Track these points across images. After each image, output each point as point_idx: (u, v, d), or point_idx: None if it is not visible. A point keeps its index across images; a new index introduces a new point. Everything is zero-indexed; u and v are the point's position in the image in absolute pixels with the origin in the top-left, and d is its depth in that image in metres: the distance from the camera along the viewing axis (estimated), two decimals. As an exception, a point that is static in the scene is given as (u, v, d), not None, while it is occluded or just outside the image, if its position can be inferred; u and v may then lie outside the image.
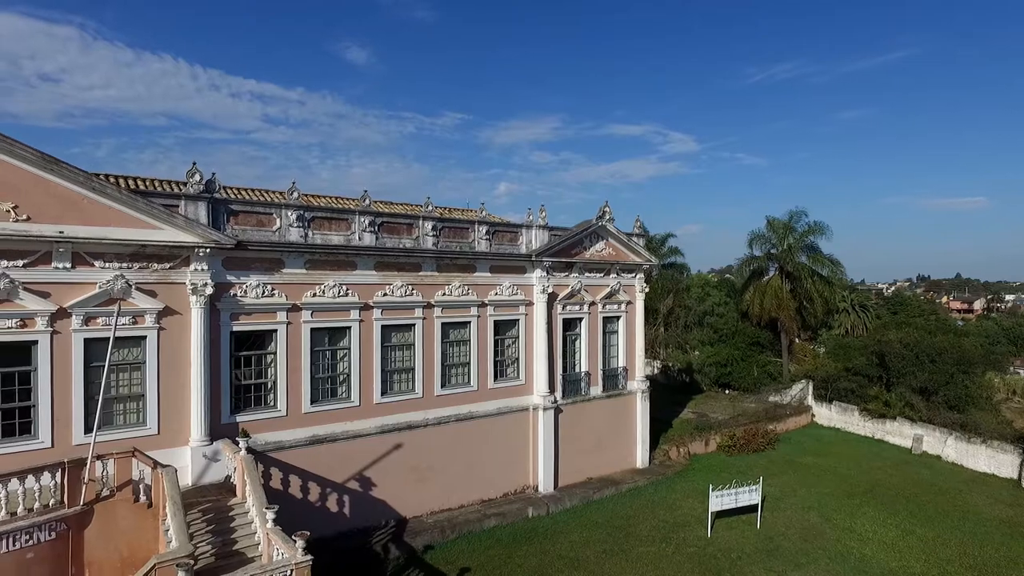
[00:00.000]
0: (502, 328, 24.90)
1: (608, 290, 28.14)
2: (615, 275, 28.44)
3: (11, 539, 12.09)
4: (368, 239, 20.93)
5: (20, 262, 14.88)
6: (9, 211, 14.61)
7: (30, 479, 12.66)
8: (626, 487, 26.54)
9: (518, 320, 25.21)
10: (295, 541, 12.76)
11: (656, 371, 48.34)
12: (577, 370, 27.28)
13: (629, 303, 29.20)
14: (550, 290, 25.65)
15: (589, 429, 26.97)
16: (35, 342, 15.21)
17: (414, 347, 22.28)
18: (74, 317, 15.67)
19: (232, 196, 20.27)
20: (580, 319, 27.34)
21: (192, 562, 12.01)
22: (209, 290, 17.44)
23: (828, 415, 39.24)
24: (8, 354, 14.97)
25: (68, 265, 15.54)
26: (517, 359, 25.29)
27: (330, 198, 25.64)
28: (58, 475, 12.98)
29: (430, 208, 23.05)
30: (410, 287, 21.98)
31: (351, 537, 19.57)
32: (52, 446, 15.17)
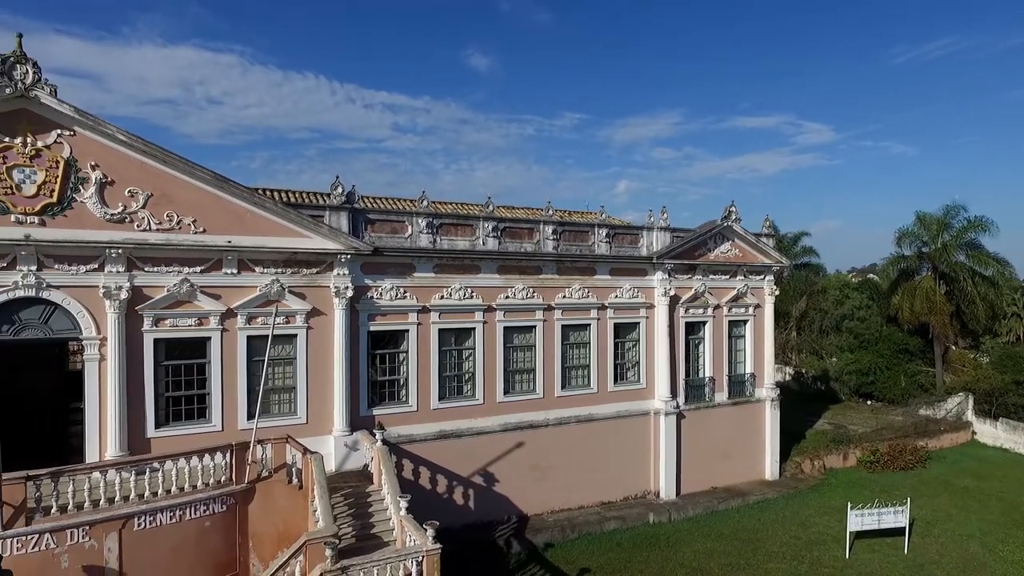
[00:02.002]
0: (622, 331, 24.80)
1: (734, 293, 27.07)
2: (742, 277, 27.30)
3: (193, 508, 14.00)
4: (491, 244, 21.75)
5: (198, 268, 17.13)
6: (190, 224, 16.90)
7: (207, 458, 14.56)
8: (754, 499, 25.41)
9: (638, 323, 24.98)
10: (426, 530, 13.62)
11: (787, 378, 45.57)
12: (701, 375, 26.51)
13: (757, 306, 27.91)
14: (672, 293, 25.16)
15: (714, 436, 26.11)
16: (209, 338, 17.43)
17: (535, 348, 22.81)
18: (239, 316, 17.75)
19: (369, 206, 21.89)
20: (704, 323, 26.54)
21: (337, 541, 13.22)
22: (350, 293, 19.01)
23: (992, 433, 34.99)
24: (189, 348, 17.31)
25: (234, 271, 17.64)
26: (638, 362, 25.06)
27: (455, 204, 26.84)
28: (228, 455, 14.80)
29: (550, 212, 23.48)
30: (531, 290, 22.54)
31: (475, 529, 20.42)
32: (222, 430, 17.30)
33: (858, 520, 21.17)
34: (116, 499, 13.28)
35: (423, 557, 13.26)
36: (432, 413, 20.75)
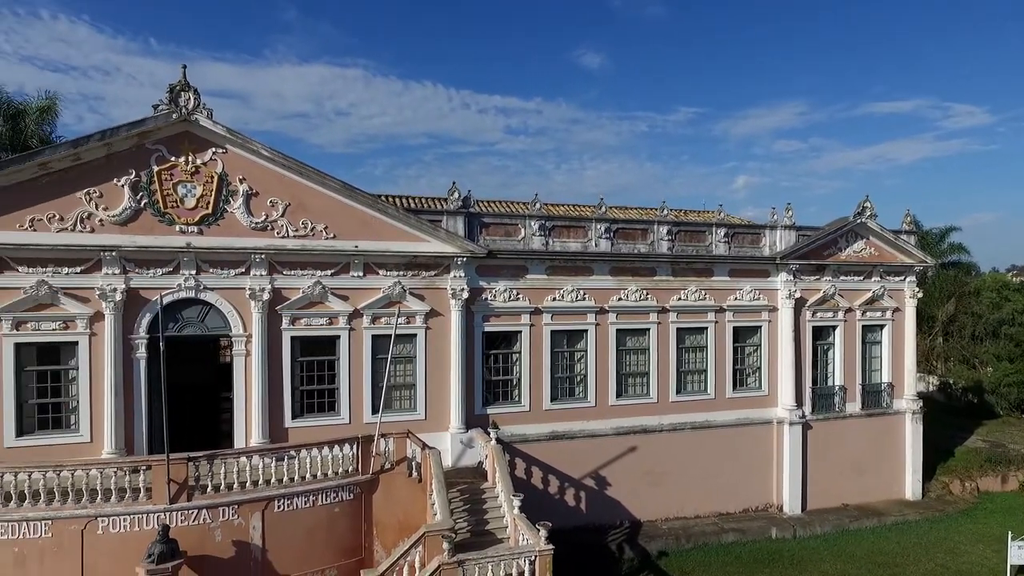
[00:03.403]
0: (742, 335, 23.70)
1: (869, 295, 25.00)
2: (878, 278, 25.16)
3: (324, 495, 15.12)
4: (604, 245, 21.59)
5: (328, 272, 18.45)
6: (322, 231, 18.25)
7: (336, 448, 15.65)
8: (891, 520, 23.33)
9: (760, 327, 23.76)
10: (539, 530, 13.82)
11: (932, 389, 41.35)
12: (830, 383, 24.74)
13: (896, 310, 25.59)
14: (797, 295, 23.68)
15: (844, 450, 24.26)
16: (338, 336, 18.72)
17: (648, 351, 22.37)
18: (364, 316, 18.90)
19: (483, 210, 22.45)
20: (833, 327, 24.73)
21: (454, 535, 13.73)
22: (465, 294, 19.64)
23: None
24: (321, 346, 18.69)
25: (361, 274, 18.81)
26: (759, 368, 23.84)
27: (567, 206, 26.88)
28: (355, 447, 15.82)
29: (664, 212, 22.92)
30: (645, 292, 22.13)
31: (586, 532, 20.37)
32: (349, 423, 18.51)
33: (1021, 553, 18.81)
34: (260, 482, 14.63)
35: (536, 557, 13.47)
36: (544, 414, 20.95)
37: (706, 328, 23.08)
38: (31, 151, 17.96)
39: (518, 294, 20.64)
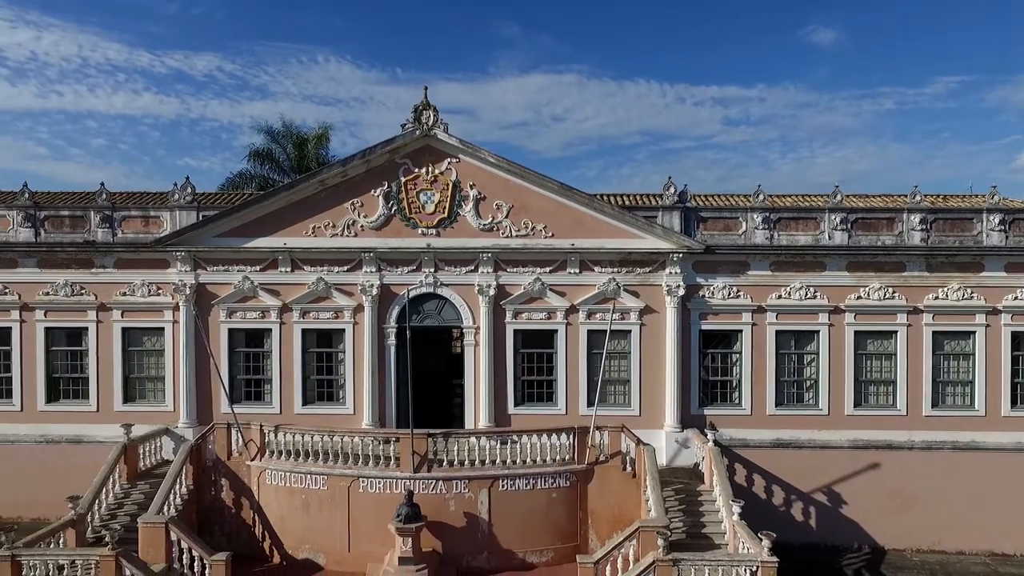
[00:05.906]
0: (1024, 342, 19.69)
1: None
2: None
3: (542, 479, 16.07)
4: (839, 238, 19.55)
5: (547, 269, 19.49)
6: (541, 230, 19.35)
7: (554, 437, 16.51)
8: None
9: (1052, 333, 19.49)
10: (761, 539, 13.09)
11: None
12: None
13: None
14: (1111, 294, 18.97)
15: None
16: (555, 331, 19.67)
17: (895, 357, 19.71)
18: (580, 312, 19.59)
19: (700, 204, 21.74)
20: None
21: (668, 533, 13.63)
22: (681, 291, 19.28)
23: None
24: (539, 339, 19.81)
25: (576, 271, 19.52)
26: (1050, 383, 19.59)
27: (795, 197, 24.65)
28: (571, 437, 16.52)
29: (917, 198, 19.99)
30: (890, 289, 19.55)
31: (817, 551, 18.69)
32: (565, 413, 19.34)
33: None
34: (487, 462, 16.05)
35: (758, 567, 12.82)
36: (767, 419, 19.64)
37: (973, 332, 19.61)
38: (313, 171, 21.96)
39: (738, 291, 19.65)
